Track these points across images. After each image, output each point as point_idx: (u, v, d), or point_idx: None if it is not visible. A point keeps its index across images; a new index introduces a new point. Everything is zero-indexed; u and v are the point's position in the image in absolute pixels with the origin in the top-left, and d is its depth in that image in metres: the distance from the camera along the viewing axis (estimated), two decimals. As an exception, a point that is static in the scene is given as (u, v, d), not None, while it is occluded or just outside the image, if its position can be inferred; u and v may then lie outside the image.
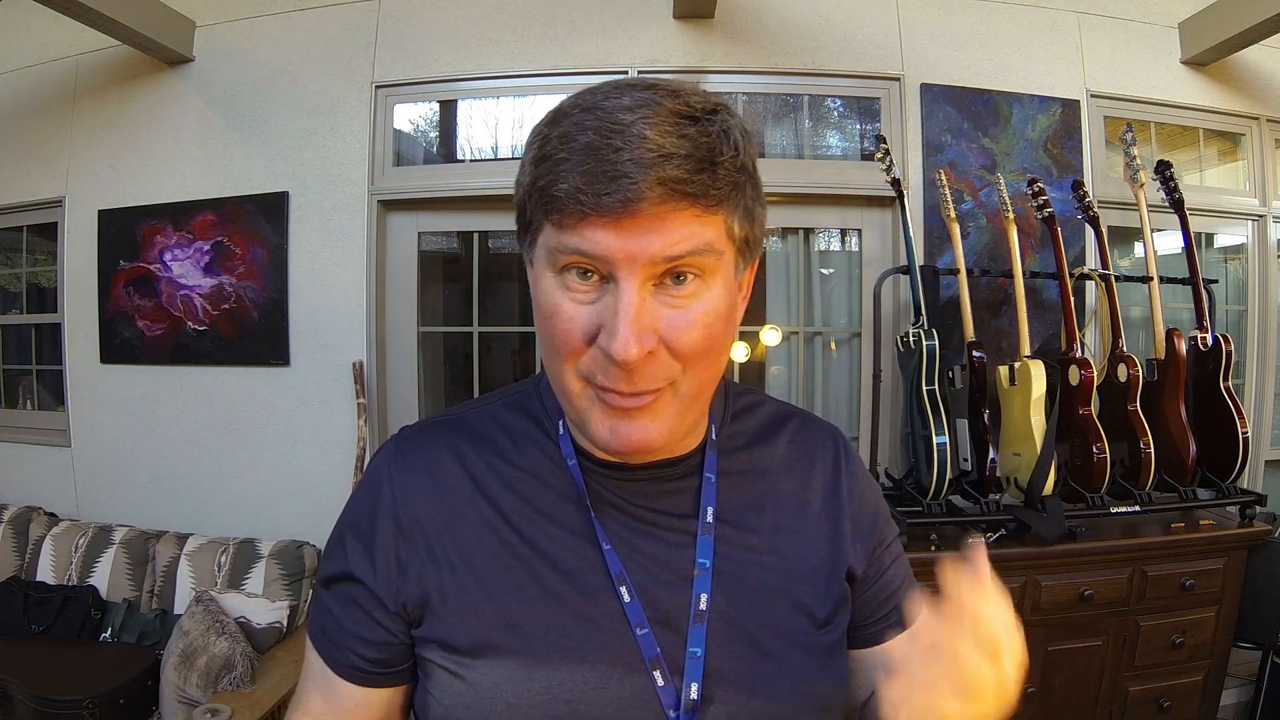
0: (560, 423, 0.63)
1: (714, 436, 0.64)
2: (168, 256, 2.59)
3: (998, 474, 2.07)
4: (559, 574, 0.58)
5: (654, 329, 0.50)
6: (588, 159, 0.46)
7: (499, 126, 2.66)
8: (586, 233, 0.48)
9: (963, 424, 2.10)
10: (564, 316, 0.51)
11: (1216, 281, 2.38)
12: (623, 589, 0.57)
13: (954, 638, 0.45)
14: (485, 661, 0.56)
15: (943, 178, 2.22)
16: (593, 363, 0.51)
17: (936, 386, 2.06)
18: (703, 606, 0.57)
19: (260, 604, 2.15)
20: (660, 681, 0.55)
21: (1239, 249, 2.80)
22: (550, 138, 0.49)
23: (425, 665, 0.59)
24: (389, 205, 2.52)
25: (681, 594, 0.58)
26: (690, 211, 0.48)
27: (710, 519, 0.60)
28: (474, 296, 2.62)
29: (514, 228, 0.56)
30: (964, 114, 2.43)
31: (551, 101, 0.53)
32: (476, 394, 2.67)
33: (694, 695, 0.55)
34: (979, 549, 0.47)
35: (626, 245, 0.47)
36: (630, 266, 0.48)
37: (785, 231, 2.62)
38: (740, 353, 2.57)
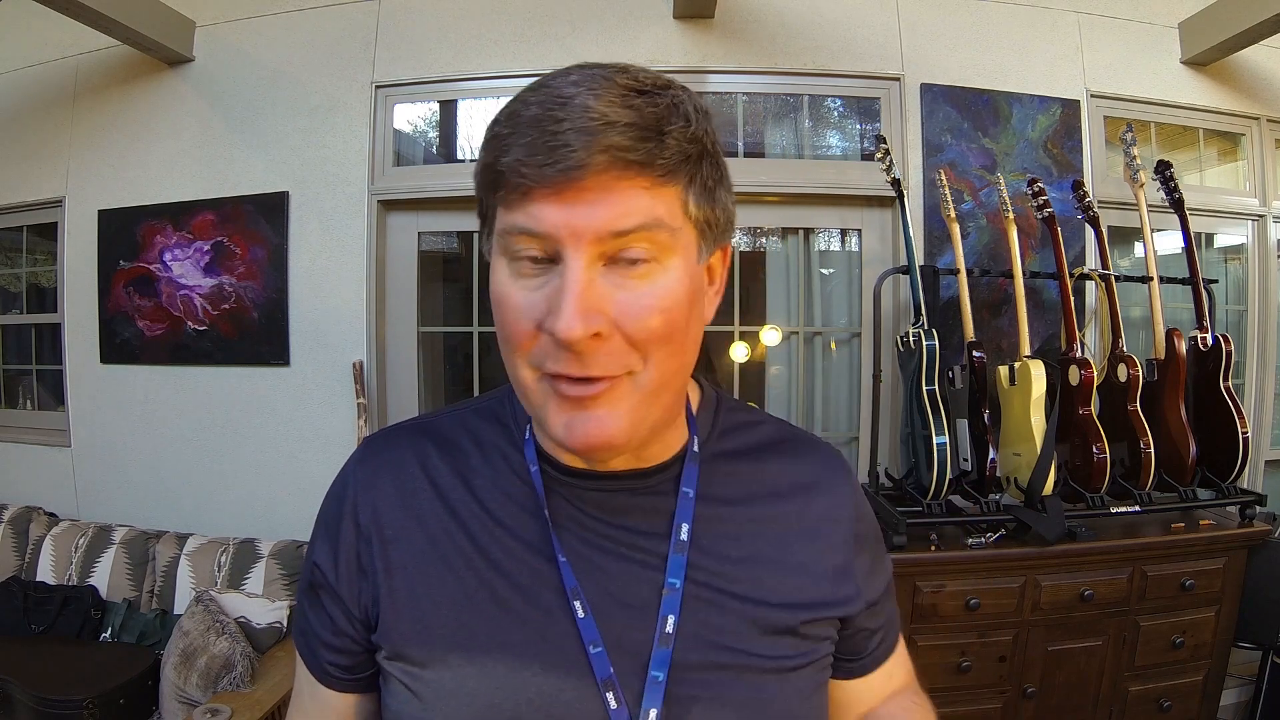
0: (527, 428, 0.61)
1: (695, 449, 0.61)
2: (168, 256, 2.59)
3: (998, 474, 2.07)
4: (512, 587, 0.55)
5: (603, 310, 0.47)
6: (530, 131, 0.45)
7: (499, 126, 2.66)
8: (531, 208, 0.46)
9: (963, 424, 2.10)
10: (513, 304, 0.49)
11: (1216, 281, 2.38)
12: (576, 604, 0.54)
13: None
14: (431, 672, 0.54)
15: (943, 178, 2.22)
16: (541, 350, 0.49)
17: (936, 386, 2.06)
18: (669, 629, 0.54)
19: (260, 604, 2.15)
20: (613, 704, 0.52)
21: (1239, 249, 2.80)
22: (499, 119, 0.48)
23: (383, 672, 0.58)
24: (389, 205, 2.52)
25: (642, 617, 0.55)
26: (638, 183, 0.46)
27: (684, 537, 0.57)
28: (474, 296, 2.62)
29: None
30: (964, 114, 2.42)
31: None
32: (476, 394, 2.67)
33: None
34: None
35: (571, 219, 0.46)
36: (576, 242, 0.46)
37: (785, 231, 2.62)
38: (740, 353, 2.56)
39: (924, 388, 2.06)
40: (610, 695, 0.52)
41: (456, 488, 0.59)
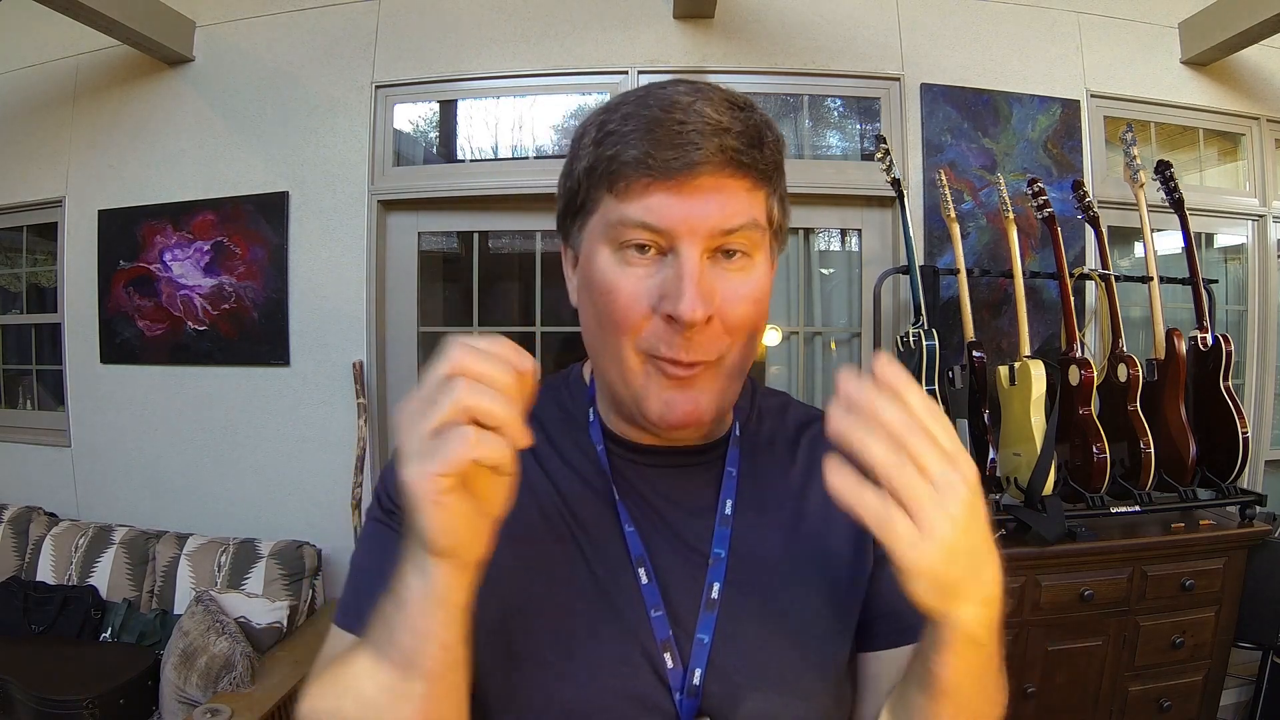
0: (590, 410, 0.66)
1: (738, 433, 0.66)
2: (168, 256, 2.59)
3: (998, 474, 2.07)
4: (577, 551, 0.59)
5: (712, 296, 0.52)
6: (654, 129, 0.50)
7: (499, 126, 2.66)
8: (651, 201, 0.51)
9: (963, 424, 2.10)
10: (625, 290, 0.53)
11: (1216, 281, 2.38)
12: (641, 570, 0.58)
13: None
14: (499, 636, 0.57)
15: (943, 178, 2.22)
16: (653, 334, 0.54)
17: (936, 386, 2.06)
18: (714, 595, 0.58)
19: (260, 604, 2.15)
20: (670, 664, 0.56)
21: (1239, 249, 2.80)
22: (610, 119, 0.53)
23: None
24: (389, 205, 2.52)
25: (695, 578, 0.59)
26: (743, 183, 0.52)
27: (729, 511, 0.62)
28: (474, 296, 2.62)
29: (514, 228, 0.56)
30: (964, 114, 2.42)
31: (552, 101, 0.55)
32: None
33: (696, 680, 0.56)
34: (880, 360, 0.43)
35: (689, 214, 0.51)
36: (692, 236, 0.52)
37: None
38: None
39: (924, 388, 2.05)
40: (668, 655, 0.56)
41: (529, 459, 0.62)
